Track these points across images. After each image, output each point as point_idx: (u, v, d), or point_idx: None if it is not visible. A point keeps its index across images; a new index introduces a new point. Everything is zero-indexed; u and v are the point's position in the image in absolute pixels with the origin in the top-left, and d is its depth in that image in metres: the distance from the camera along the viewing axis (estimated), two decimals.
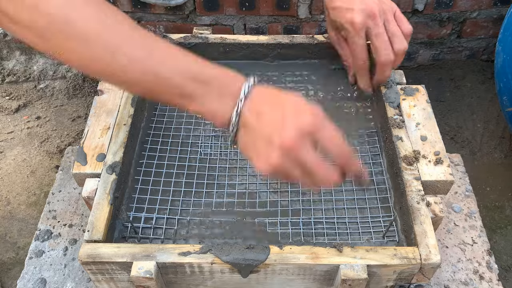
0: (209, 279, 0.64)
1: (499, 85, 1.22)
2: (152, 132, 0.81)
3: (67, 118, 1.52)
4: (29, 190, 1.34)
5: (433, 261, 0.61)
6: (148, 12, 1.41)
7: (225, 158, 0.78)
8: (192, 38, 0.90)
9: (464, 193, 0.91)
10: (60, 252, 0.82)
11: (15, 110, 1.54)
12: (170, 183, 0.74)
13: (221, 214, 0.71)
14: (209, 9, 1.38)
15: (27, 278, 0.79)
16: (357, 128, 0.82)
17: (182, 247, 0.62)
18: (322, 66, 0.92)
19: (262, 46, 0.89)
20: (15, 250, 1.22)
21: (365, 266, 0.60)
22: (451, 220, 0.86)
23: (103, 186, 0.68)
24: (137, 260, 0.60)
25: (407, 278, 0.63)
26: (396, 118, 0.76)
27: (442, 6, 1.41)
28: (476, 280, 0.78)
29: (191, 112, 0.56)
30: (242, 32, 1.44)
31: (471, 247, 0.82)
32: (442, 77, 1.56)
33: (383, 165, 0.76)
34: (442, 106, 1.50)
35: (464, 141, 1.42)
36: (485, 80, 1.54)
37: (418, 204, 0.66)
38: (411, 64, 1.58)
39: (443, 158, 0.72)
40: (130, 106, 0.79)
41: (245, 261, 0.60)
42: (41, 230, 0.85)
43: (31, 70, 1.60)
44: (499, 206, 1.29)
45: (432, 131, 0.76)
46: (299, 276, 0.63)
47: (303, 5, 1.36)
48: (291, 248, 0.62)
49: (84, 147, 0.74)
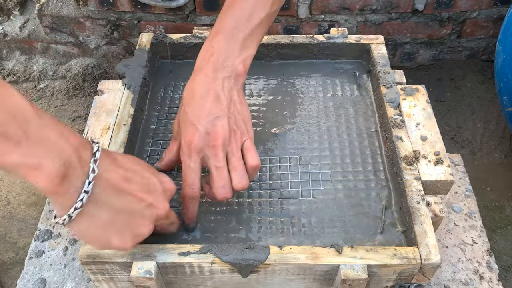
0: (209, 279, 0.64)
1: (499, 85, 1.22)
2: (152, 132, 0.81)
3: (67, 118, 1.53)
4: (29, 190, 1.34)
5: (433, 261, 0.60)
6: (148, 12, 1.41)
7: None
8: (192, 38, 0.90)
9: (464, 193, 0.91)
10: (60, 252, 0.82)
11: None
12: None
13: (221, 213, 0.71)
14: (209, 9, 1.38)
15: (27, 278, 0.79)
16: (357, 128, 0.82)
17: (182, 247, 0.62)
18: (322, 66, 0.92)
19: (262, 46, 0.89)
20: (15, 250, 1.22)
21: (365, 266, 0.60)
22: (451, 220, 0.86)
23: None
24: (137, 260, 0.60)
25: (407, 278, 0.63)
26: (396, 118, 0.76)
27: (442, 6, 1.41)
28: (476, 280, 0.78)
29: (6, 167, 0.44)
30: None
31: (471, 247, 0.82)
32: (442, 77, 1.56)
33: (384, 165, 0.76)
34: (442, 106, 1.50)
35: (464, 141, 1.42)
36: (485, 80, 1.54)
37: (418, 204, 0.66)
38: (411, 64, 1.58)
39: (443, 158, 0.72)
40: (130, 106, 0.79)
41: (245, 261, 0.60)
42: (41, 230, 0.85)
43: (31, 70, 1.60)
44: (499, 206, 1.29)
45: (432, 131, 0.76)
46: (299, 276, 0.63)
47: (303, 5, 1.36)
48: (291, 248, 0.62)
49: None
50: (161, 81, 0.90)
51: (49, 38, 1.55)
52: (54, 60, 1.61)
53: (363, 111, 0.85)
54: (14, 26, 1.54)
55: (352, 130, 0.82)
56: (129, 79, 0.82)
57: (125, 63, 0.84)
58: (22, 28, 1.54)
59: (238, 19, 0.67)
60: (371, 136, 0.81)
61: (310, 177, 0.75)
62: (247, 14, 0.67)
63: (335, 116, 0.84)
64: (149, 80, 0.87)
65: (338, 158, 0.77)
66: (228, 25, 0.67)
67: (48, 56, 1.61)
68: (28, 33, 1.54)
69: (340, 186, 0.74)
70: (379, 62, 0.85)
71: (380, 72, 0.84)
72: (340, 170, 0.76)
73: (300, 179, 0.75)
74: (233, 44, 0.66)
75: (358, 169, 0.76)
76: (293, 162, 0.77)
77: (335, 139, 0.80)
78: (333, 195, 0.73)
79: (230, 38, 0.66)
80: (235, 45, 0.66)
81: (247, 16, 0.67)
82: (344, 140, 0.80)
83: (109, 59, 1.59)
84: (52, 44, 1.57)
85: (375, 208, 0.71)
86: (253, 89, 0.89)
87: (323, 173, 0.75)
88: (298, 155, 0.78)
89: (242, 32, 0.66)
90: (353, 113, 0.84)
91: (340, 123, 0.83)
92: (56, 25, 1.50)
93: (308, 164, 0.77)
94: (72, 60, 1.59)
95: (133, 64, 0.84)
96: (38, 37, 1.55)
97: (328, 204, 0.72)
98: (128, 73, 0.83)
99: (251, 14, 0.67)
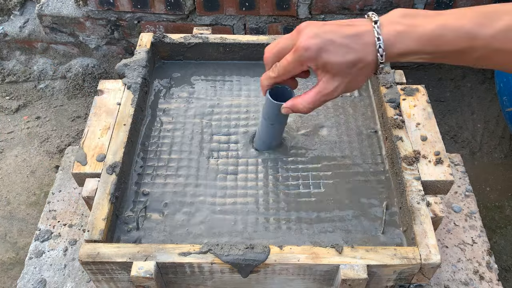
0: (209, 279, 0.64)
1: (499, 85, 1.22)
2: (152, 133, 0.81)
3: (67, 118, 1.53)
4: (29, 190, 1.34)
5: (433, 261, 0.60)
6: (148, 12, 1.41)
7: (225, 158, 0.78)
8: (192, 38, 0.90)
9: (464, 193, 0.91)
10: (60, 252, 0.82)
11: (15, 110, 1.54)
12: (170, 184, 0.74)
13: (222, 213, 0.71)
14: (209, 9, 1.38)
15: (27, 278, 0.79)
16: (357, 128, 0.82)
17: (182, 247, 0.62)
18: None
19: (262, 46, 0.89)
20: (15, 250, 1.22)
21: (365, 266, 0.60)
22: (451, 220, 0.86)
23: (103, 186, 0.68)
24: (137, 260, 0.60)
25: (407, 278, 0.63)
26: (396, 118, 0.76)
27: (442, 6, 1.41)
28: (476, 280, 0.78)
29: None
30: (242, 32, 1.44)
31: (471, 247, 0.82)
32: (442, 77, 1.56)
33: (384, 165, 0.76)
34: (442, 106, 1.50)
35: (464, 141, 1.42)
36: (485, 80, 1.54)
37: (418, 204, 0.66)
38: (411, 64, 1.58)
39: (443, 158, 0.72)
40: (130, 106, 0.79)
41: (245, 261, 0.60)
42: (41, 230, 0.85)
43: (31, 70, 1.60)
44: (499, 206, 1.29)
45: (432, 131, 0.76)
46: (299, 276, 0.63)
47: (303, 5, 1.36)
48: (291, 248, 0.62)
49: (84, 147, 0.74)
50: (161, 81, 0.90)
51: (49, 38, 1.55)
52: (54, 60, 1.61)
53: (362, 111, 0.85)
54: (14, 26, 1.54)
55: (352, 130, 0.82)
56: (129, 79, 0.82)
57: (125, 63, 0.84)
58: (22, 28, 1.54)
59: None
60: (371, 136, 0.81)
61: (310, 177, 0.75)
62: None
63: (335, 116, 0.84)
64: (149, 80, 0.87)
65: (338, 159, 0.77)
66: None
67: (48, 56, 1.61)
68: (28, 33, 1.54)
69: (340, 186, 0.74)
70: None
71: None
72: (340, 171, 0.76)
73: (300, 180, 0.75)
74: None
75: (358, 169, 0.76)
76: (293, 163, 0.77)
77: (335, 140, 0.80)
78: (333, 195, 0.73)
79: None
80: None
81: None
82: (344, 140, 0.80)
83: (109, 59, 1.59)
84: (52, 44, 1.57)
85: (375, 208, 0.71)
86: (252, 90, 0.89)
87: (323, 173, 0.75)
88: (298, 155, 0.78)
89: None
90: (352, 113, 0.84)
91: (340, 123, 0.83)
92: (56, 25, 1.50)
93: (308, 164, 0.77)
94: (72, 60, 1.59)
95: (133, 64, 0.84)
96: (38, 37, 1.55)
97: (328, 204, 0.72)
98: (128, 73, 0.83)
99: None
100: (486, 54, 0.51)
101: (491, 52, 0.51)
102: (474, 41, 0.51)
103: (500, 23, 0.49)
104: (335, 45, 0.56)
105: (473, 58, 0.52)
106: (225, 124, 0.83)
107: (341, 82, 0.58)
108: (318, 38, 0.56)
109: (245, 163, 0.77)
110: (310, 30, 0.57)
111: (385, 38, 0.54)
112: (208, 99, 0.87)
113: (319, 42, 0.56)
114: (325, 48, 0.56)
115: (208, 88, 0.89)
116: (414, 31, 0.53)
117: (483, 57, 0.52)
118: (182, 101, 0.87)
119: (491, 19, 0.50)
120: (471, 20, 0.51)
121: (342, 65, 0.56)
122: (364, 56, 0.55)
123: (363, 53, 0.55)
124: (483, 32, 0.50)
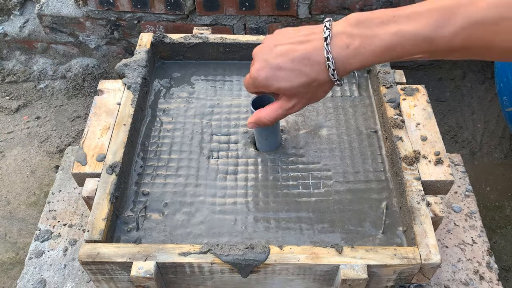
0: (209, 279, 0.64)
1: (499, 85, 1.22)
2: (152, 133, 0.81)
3: (67, 118, 1.53)
4: (29, 190, 1.34)
5: (433, 261, 0.60)
6: (148, 12, 1.41)
7: (225, 158, 0.78)
8: (192, 38, 0.90)
9: (464, 193, 0.91)
10: (60, 252, 0.82)
11: (15, 110, 1.54)
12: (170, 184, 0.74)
13: (222, 213, 0.71)
14: (209, 9, 1.38)
15: (27, 278, 0.79)
16: (357, 128, 0.82)
17: (182, 247, 0.62)
18: None
19: None
20: (15, 250, 1.22)
21: (365, 266, 0.60)
22: (451, 220, 0.86)
23: (103, 186, 0.68)
24: (137, 260, 0.60)
25: (407, 278, 0.63)
26: (396, 118, 0.76)
27: None
28: (476, 280, 0.78)
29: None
30: (242, 32, 1.44)
31: (471, 247, 0.82)
32: (442, 77, 1.56)
33: (384, 165, 0.76)
34: (442, 106, 1.50)
35: (464, 141, 1.42)
36: (485, 80, 1.54)
37: (418, 204, 0.66)
38: (411, 64, 1.58)
39: (443, 158, 0.72)
40: (130, 106, 0.79)
41: (245, 261, 0.60)
42: (41, 230, 0.85)
43: (31, 70, 1.60)
44: (499, 206, 1.29)
45: (432, 131, 0.76)
46: (299, 276, 0.63)
47: (303, 5, 1.36)
48: (291, 248, 0.62)
49: (84, 147, 0.74)
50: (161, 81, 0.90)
51: (49, 38, 1.55)
52: (54, 60, 1.61)
53: (362, 111, 0.85)
54: (14, 26, 1.54)
55: (352, 130, 0.82)
56: (129, 79, 0.82)
57: (125, 63, 0.84)
58: (22, 28, 1.54)
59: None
60: (371, 136, 0.81)
61: (310, 177, 0.75)
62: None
63: (335, 116, 0.84)
64: (149, 80, 0.87)
65: (338, 159, 0.77)
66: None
67: (48, 56, 1.61)
68: (28, 33, 1.54)
69: (340, 186, 0.74)
70: None
71: (380, 72, 0.84)
72: (340, 171, 0.76)
73: (300, 180, 0.75)
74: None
75: (358, 169, 0.76)
76: (293, 163, 0.77)
77: (335, 140, 0.80)
78: (333, 195, 0.73)
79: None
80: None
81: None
82: (344, 140, 0.80)
83: (109, 59, 1.59)
84: (52, 44, 1.57)
85: (375, 208, 0.71)
86: None
87: (323, 174, 0.75)
88: (298, 155, 0.78)
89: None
90: (352, 114, 0.84)
91: (340, 123, 0.83)
92: (56, 25, 1.50)
93: (308, 164, 0.77)
94: (72, 60, 1.59)
95: (133, 64, 0.84)
96: (38, 37, 1.55)
97: (329, 204, 0.72)
98: (128, 73, 0.83)
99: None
100: (451, 52, 0.49)
101: (455, 50, 0.48)
102: (434, 45, 0.48)
103: (456, 20, 0.46)
104: (285, 71, 0.56)
105: (441, 56, 0.50)
106: (225, 124, 0.83)
107: (299, 100, 0.59)
108: (265, 68, 0.57)
109: (245, 163, 0.77)
110: (259, 58, 0.58)
111: (335, 56, 0.53)
112: (208, 99, 0.87)
113: (266, 72, 0.57)
114: (273, 77, 0.56)
115: (208, 88, 0.89)
116: (368, 44, 0.51)
117: (451, 54, 0.50)
118: (182, 101, 0.87)
119: (447, 17, 0.47)
120: (427, 22, 0.48)
121: (294, 88, 0.56)
122: (316, 76, 0.55)
123: (314, 73, 0.55)
124: (440, 34, 0.47)
